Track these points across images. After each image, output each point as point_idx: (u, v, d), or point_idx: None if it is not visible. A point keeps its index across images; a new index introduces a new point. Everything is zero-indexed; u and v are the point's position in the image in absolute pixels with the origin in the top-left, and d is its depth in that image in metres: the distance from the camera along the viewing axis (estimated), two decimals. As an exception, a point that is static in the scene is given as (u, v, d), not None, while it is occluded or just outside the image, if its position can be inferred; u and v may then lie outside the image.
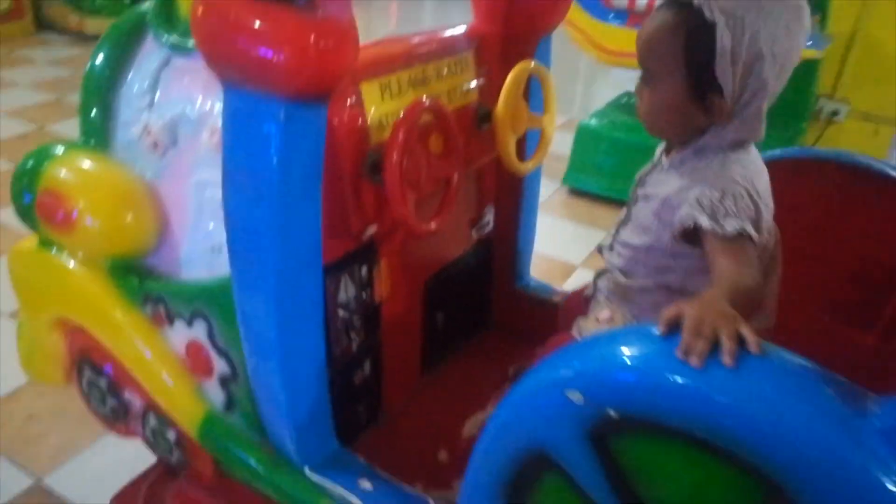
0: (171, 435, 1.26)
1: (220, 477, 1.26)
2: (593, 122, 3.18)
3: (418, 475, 1.22)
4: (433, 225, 1.15)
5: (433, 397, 1.48)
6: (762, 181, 0.95)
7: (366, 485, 1.09)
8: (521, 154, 1.41)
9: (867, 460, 0.60)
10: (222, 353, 1.14)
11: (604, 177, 3.05)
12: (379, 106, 1.10)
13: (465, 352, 1.61)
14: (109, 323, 1.23)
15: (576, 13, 2.95)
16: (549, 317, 1.52)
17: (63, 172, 1.19)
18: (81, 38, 5.10)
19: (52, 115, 3.86)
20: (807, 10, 0.90)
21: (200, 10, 0.84)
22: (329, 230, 1.02)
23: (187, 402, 1.20)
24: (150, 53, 1.24)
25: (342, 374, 1.22)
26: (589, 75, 4.48)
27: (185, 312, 1.16)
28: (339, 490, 1.08)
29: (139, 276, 1.21)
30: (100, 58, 1.26)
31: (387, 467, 1.16)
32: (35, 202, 1.20)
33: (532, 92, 1.40)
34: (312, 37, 0.80)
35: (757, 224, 0.88)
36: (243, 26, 0.81)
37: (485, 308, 1.68)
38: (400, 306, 1.35)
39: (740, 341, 0.66)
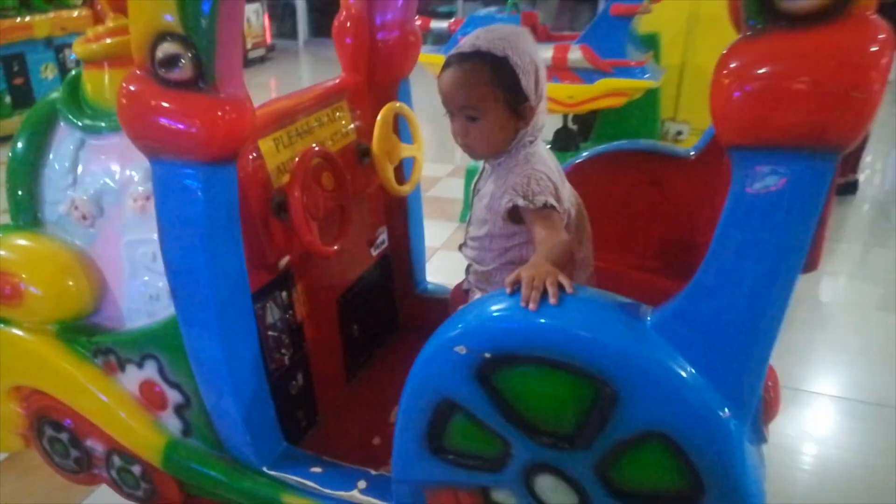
0: (137, 469, 1.43)
1: (187, 498, 1.44)
2: (478, 164, 3.52)
3: (359, 461, 1.45)
4: (336, 247, 1.39)
5: (361, 397, 1.71)
6: (553, 165, 1.27)
7: (316, 469, 1.31)
8: (401, 179, 1.68)
9: (646, 344, 0.90)
10: (174, 385, 1.33)
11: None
12: (275, 157, 1.34)
13: (381, 355, 1.86)
14: (66, 380, 1.38)
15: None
16: (447, 313, 1.79)
17: (4, 252, 1.35)
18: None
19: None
20: (531, 37, 1.24)
21: (124, 101, 1.05)
22: (250, 264, 1.24)
23: (148, 436, 1.37)
24: (65, 138, 1.41)
25: (280, 385, 1.43)
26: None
27: (135, 357, 1.34)
28: (295, 479, 1.29)
29: (87, 335, 1.38)
30: (19, 146, 1.43)
31: (331, 458, 1.38)
32: (-19, 284, 1.34)
33: (401, 127, 1.68)
34: (219, 113, 1.03)
35: (557, 196, 1.19)
36: (163, 111, 1.03)
37: (391, 314, 1.94)
38: (319, 322, 1.57)
39: (560, 287, 0.95)
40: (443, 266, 2.99)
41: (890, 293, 2.88)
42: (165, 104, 1.03)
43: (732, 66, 0.78)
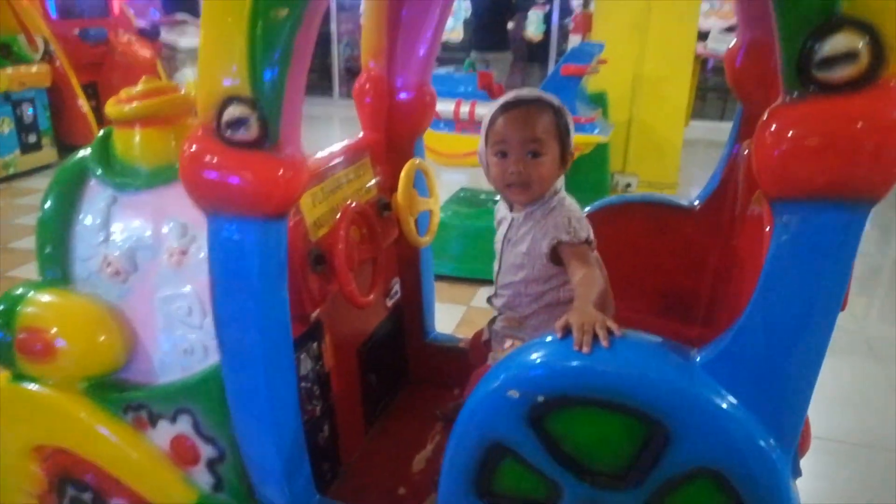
0: (162, 528, 1.40)
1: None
2: (441, 215, 3.60)
3: (387, 509, 1.46)
4: (371, 296, 1.43)
5: (380, 448, 1.72)
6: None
7: (350, 518, 1.32)
8: (417, 231, 1.75)
9: (698, 383, 0.96)
10: (208, 439, 1.33)
11: (456, 260, 3.47)
12: (312, 212, 1.39)
13: (395, 406, 1.88)
14: (93, 438, 1.37)
15: (413, 125, 3.47)
16: (456, 362, 1.82)
17: (36, 309, 1.35)
18: None
19: None
20: None
21: (187, 159, 1.09)
22: (290, 314, 1.27)
23: (178, 492, 1.36)
24: (96, 195, 1.43)
25: (309, 436, 1.44)
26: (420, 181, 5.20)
27: (168, 411, 1.34)
28: (330, 528, 1.30)
29: (117, 390, 1.38)
30: (48, 203, 1.44)
31: None
32: (13, 341, 1.33)
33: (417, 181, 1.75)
34: (280, 171, 1.08)
35: (591, 235, 1.29)
36: (226, 169, 1.07)
37: (403, 363, 1.97)
38: (343, 373, 1.60)
39: (609, 331, 1.01)
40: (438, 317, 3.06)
41: (861, 340, 3.02)
42: (229, 163, 1.07)
43: (774, 127, 0.87)
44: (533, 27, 9.17)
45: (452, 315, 3.13)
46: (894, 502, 1.98)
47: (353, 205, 1.41)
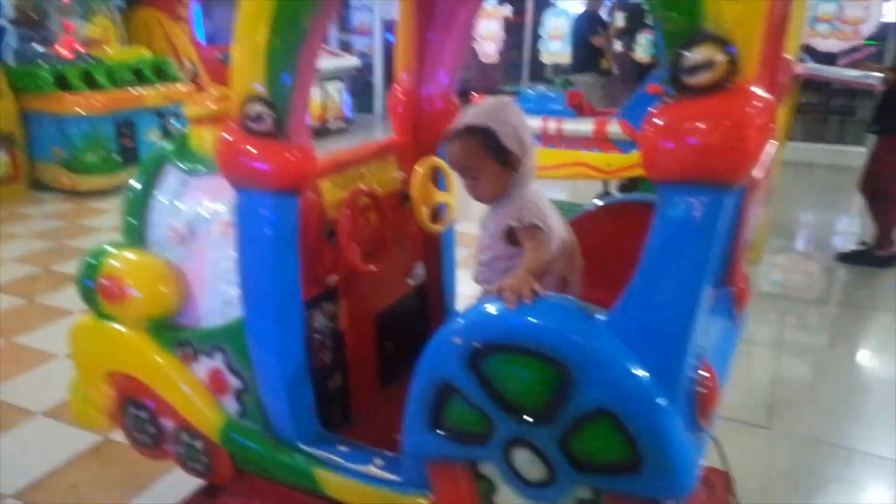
0: (200, 445, 1.73)
1: (237, 474, 1.73)
2: None
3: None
4: (371, 266, 1.71)
5: (391, 407, 1.97)
6: (543, 199, 1.56)
7: (343, 448, 1.58)
8: (437, 220, 2.00)
9: (600, 339, 1.15)
10: (236, 373, 1.64)
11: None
12: (332, 194, 1.69)
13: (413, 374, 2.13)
14: (153, 367, 1.72)
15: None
16: None
17: (115, 262, 1.72)
18: (75, 194, 5.82)
19: (55, 258, 4.32)
20: (514, 104, 1.56)
21: (221, 145, 1.42)
22: (306, 278, 1.57)
23: (211, 415, 1.68)
24: (170, 177, 1.80)
25: (320, 380, 1.72)
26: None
27: (207, 349, 1.67)
28: (324, 454, 1.57)
29: (171, 330, 1.73)
30: (135, 183, 1.83)
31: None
32: (97, 286, 1.72)
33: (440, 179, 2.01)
34: (289, 156, 1.38)
35: (545, 222, 1.49)
36: (249, 153, 1.39)
37: (426, 339, 2.21)
38: (358, 335, 1.87)
39: (535, 292, 1.22)
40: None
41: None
42: (252, 149, 1.39)
43: (654, 122, 1.06)
44: (641, 49, 9.20)
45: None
46: None
47: (363, 188, 1.69)
